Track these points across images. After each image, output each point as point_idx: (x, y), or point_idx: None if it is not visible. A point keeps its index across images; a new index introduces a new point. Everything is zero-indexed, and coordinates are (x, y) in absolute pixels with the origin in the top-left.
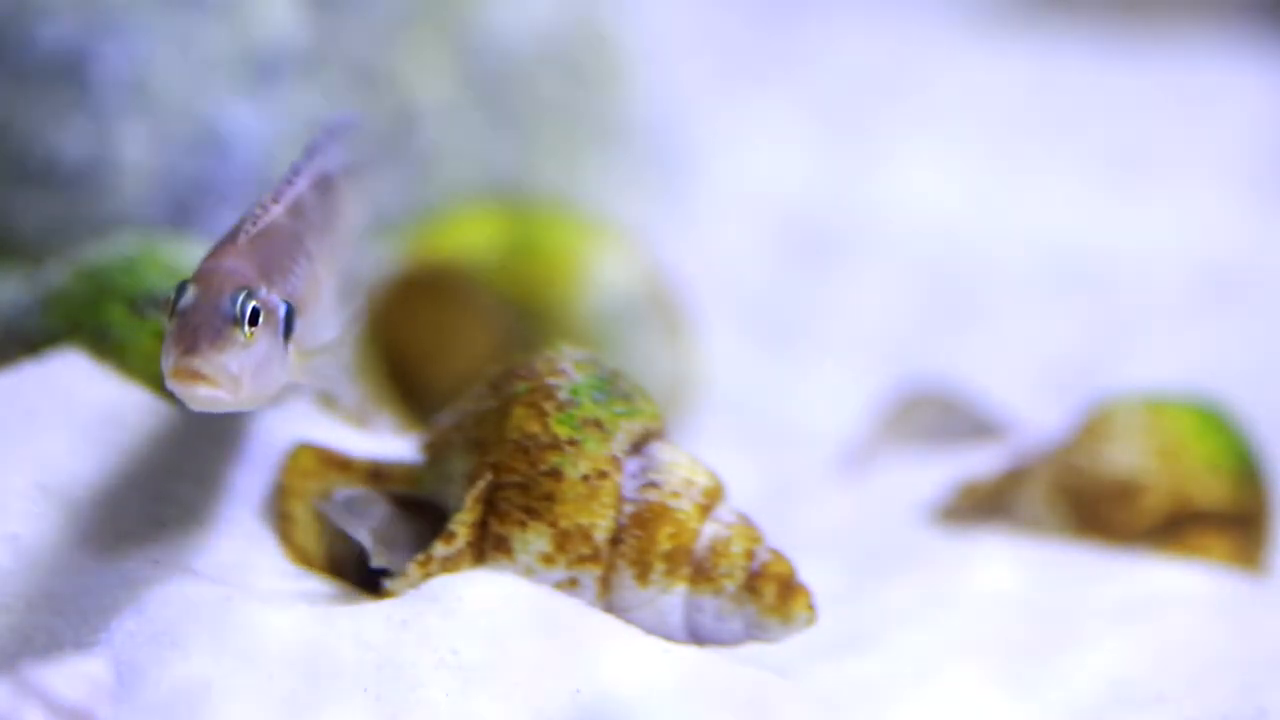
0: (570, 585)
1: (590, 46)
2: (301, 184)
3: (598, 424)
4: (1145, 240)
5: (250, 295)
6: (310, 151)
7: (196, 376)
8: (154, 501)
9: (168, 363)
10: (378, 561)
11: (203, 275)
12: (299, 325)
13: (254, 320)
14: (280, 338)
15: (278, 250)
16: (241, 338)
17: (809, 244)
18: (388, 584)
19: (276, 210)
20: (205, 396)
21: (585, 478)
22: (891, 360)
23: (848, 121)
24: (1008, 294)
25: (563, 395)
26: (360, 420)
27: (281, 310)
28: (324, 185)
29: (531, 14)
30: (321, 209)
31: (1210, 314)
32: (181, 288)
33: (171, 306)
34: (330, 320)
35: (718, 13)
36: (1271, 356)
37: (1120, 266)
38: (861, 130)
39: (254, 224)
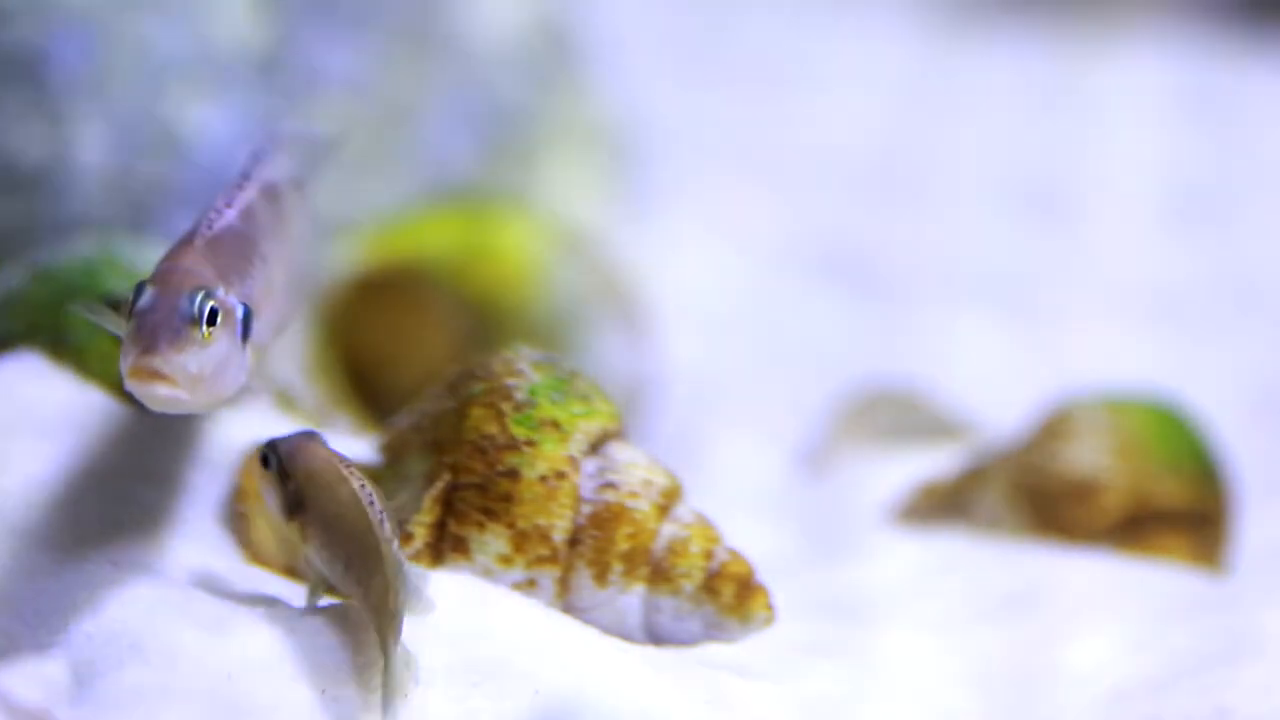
0: (528, 586)
1: (551, 48)
2: (251, 189)
3: (555, 424)
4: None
5: (208, 295)
6: (257, 157)
7: (155, 376)
8: (112, 503)
9: (126, 362)
10: (312, 604)
11: (161, 275)
12: (255, 327)
13: (212, 320)
14: (239, 339)
15: (233, 253)
16: (200, 337)
17: (770, 244)
18: None
19: (230, 214)
20: (164, 396)
21: (543, 478)
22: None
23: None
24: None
25: (520, 396)
26: (318, 421)
27: (239, 311)
28: (272, 192)
29: (492, 16)
30: (271, 214)
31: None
32: (140, 288)
33: (130, 307)
34: (284, 324)
35: (675, 14)
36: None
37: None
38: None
39: (209, 227)
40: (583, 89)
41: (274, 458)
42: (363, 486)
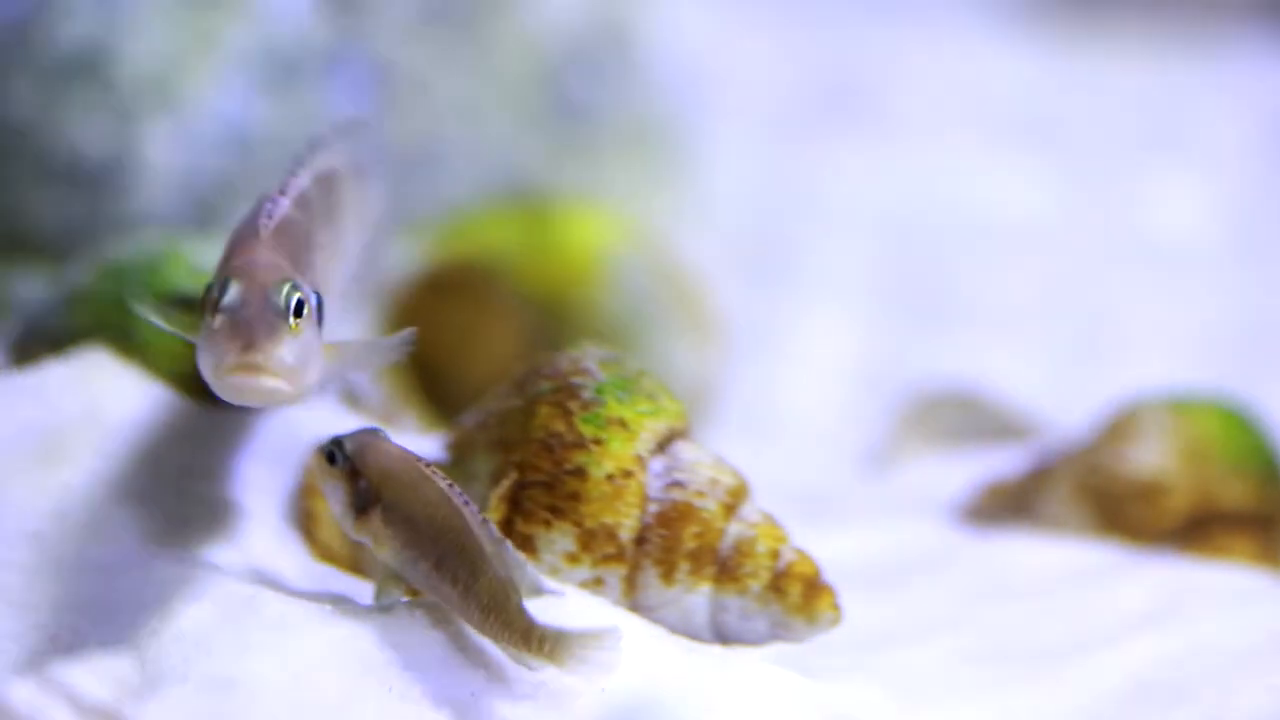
0: (595, 584)
1: (615, 46)
2: (305, 177)
3: (622, 423)
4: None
5: (295, 287)
6: (314, 145)
7: (259, 370)
8: (179, 500)
9: (226, 359)
10: (381, 602)
11: (244, 270)
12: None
13: (299, 311)
14: (318, 327)
15: (295, 243)
16: (291, 329)
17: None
18: None
19: (284, 203)
20: (269, 388)
21: (610, 477)
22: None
23: (863, 118)
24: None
25: (587, 394)
26: (385, 419)
27: (314, 300)
28: (327, 180)
29: (557, 13)
30: (326, 202)
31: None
32: (223, 284)
33: (212, 304)
34: (341, 312)
35: (738, 13)
36: None
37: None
38: (877, 126)
39: (269, 218)
40: (649, 88)
41: (340, 454)
42: (451, 485)
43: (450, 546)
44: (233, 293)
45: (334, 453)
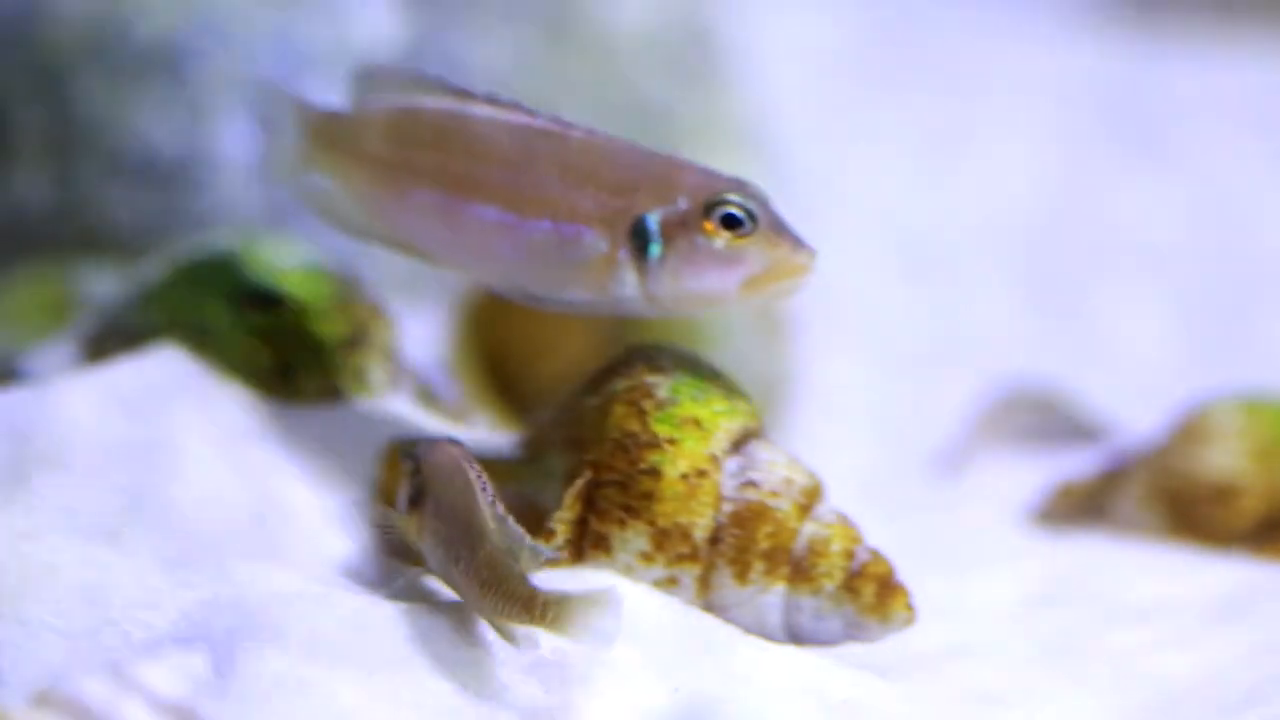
0: (669, 584)
1: (692, 45)
2: None
3: (697, 423)
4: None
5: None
6: None
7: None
8: (252, 497)
9: (796, 257)
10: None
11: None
12: None
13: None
14: None
15: None
16: None
17: (910, 248)
18: None
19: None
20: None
21: (684, 476)
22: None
23: (948, 123)
24: (1107, 291)
25: (662, 394)
26: (459, 417)
27: None
28: None
29: (634, 12)
30: None
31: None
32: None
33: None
34: None
35: (819, 14)
36: None
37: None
38: (961, 132)
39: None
40: (724, 86)
41: (408, 455)
42: (479, 476)
43: (457, 526)
44: (766, 207)
45: (404, 452)
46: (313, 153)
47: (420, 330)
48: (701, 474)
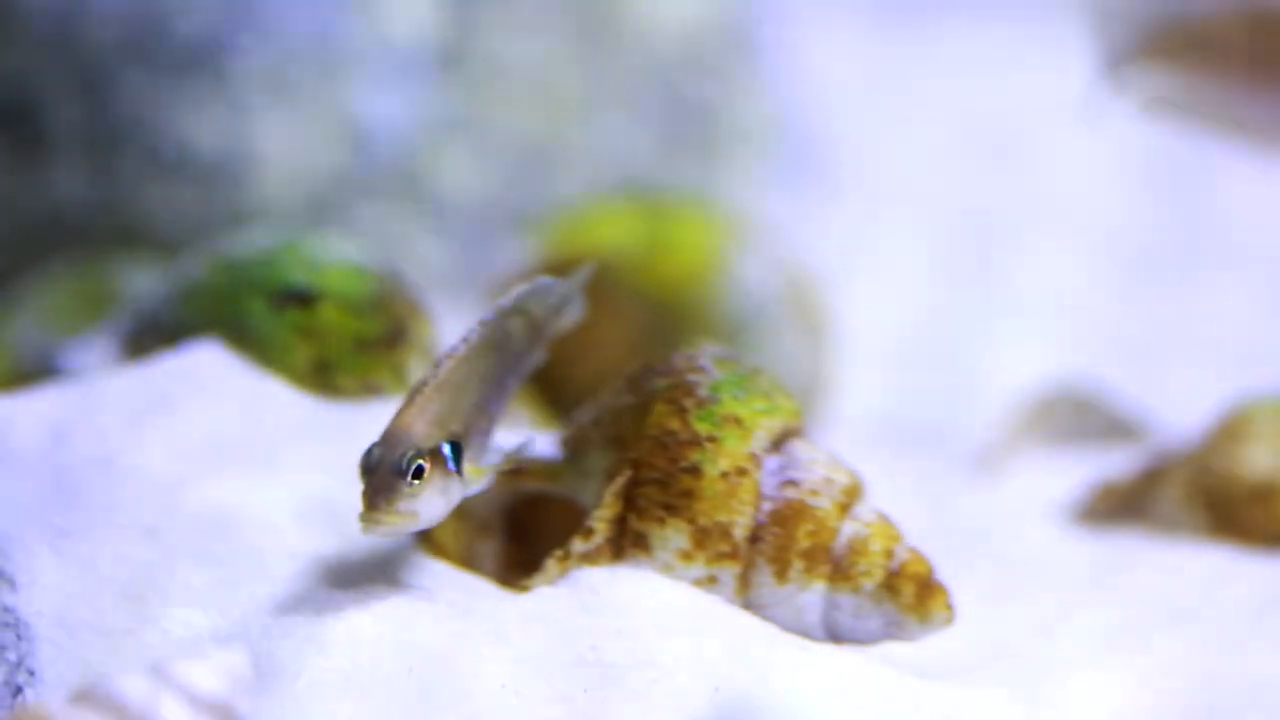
0: (709, 582)
1: (731, 45)
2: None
3: (737, 421)
4: None
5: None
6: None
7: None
8: (292, 494)
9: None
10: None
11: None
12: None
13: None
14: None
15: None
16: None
17: (959, 244)
18: (527, 580)
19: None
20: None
21: (725, 475)
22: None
23: (987, 121)
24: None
25: (703, 392)
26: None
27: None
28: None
29: (672, 11)
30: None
31: None
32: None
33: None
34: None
35: (857, 15)
36: None
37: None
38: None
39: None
40: (763, 87)
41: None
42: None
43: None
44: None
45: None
46: (1150, 52)
47: (459, 328)
48: (742, 472)
